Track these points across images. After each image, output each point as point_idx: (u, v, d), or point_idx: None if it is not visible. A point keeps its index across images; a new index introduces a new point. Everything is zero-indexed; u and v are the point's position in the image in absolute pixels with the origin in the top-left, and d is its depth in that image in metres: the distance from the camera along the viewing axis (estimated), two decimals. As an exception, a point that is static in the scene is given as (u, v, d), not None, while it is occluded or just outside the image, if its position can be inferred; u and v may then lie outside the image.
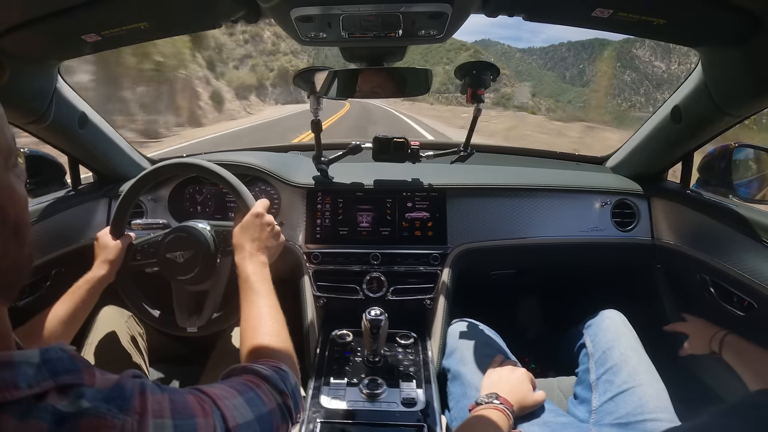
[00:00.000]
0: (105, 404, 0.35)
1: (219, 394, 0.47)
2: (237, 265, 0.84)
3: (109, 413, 0.35)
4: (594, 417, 0.89)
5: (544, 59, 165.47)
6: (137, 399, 0.37)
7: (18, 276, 0.40)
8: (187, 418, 0.41)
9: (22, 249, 0.40)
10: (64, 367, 0.35)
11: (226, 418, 0.45)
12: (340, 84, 0.98)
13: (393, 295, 1.17)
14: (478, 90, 1.05)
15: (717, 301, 1.05)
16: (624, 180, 1.32)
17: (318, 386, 0.96)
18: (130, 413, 0.36)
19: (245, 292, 0.77)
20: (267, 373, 0.56)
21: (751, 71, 0.80)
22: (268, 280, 0.81)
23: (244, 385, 0.52)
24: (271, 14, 0.76)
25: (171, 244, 0.98)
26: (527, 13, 0.78)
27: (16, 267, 0.39)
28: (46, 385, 0.34)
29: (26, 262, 0.41)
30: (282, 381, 0.57)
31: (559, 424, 0.86)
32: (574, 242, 1.25)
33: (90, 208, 1.24)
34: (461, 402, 0.94)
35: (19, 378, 0.32)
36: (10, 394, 0.32)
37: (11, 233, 0.38)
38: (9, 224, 0.38)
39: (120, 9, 0.73)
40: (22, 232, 0.40)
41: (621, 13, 0.72)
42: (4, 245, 0.37)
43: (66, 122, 1.06)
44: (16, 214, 0.39)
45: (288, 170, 1.25)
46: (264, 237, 0.89)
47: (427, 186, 1.23)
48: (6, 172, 0.38)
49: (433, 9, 0.70)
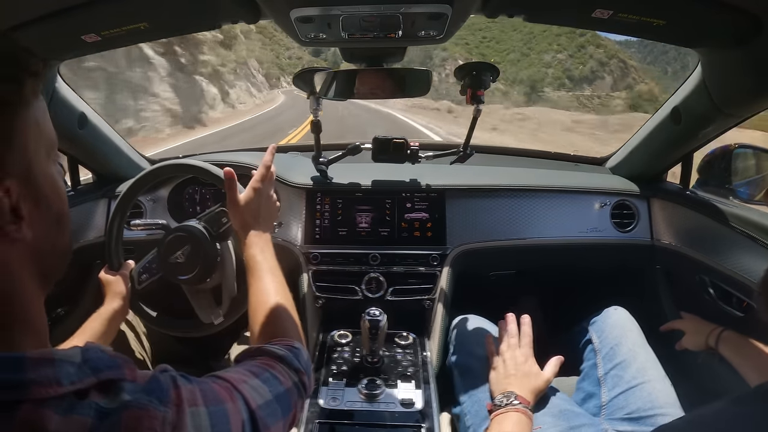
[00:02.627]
0: (146, 396, 0.36)
1: (237, 378, 0.48)
2: (240, 239, 0.80)
3: (150, 405, 0.35)
4: (604, 411, 0.90)
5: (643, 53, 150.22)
6: (173, 391, 0.38)
7: (57, 262, 0.43)
8: (218, 404, 0.42)
9: (64, 238, 0.44)
10: (105, 364, 0.36)
11: (248, 400, 0.46)
12: (339, 85, 0.98)
13: (392, 295, 1.17)
14: (477, 91, 1.05)
15: (716, 301, 1.05)
16: (623, 181, 1.32)
17: (316, 387, 0.96)
18: (169, 405, 0.37)
19: (253, 269, 0.75)
20: (281, 352, 0.56)
21: (751, 72, 0.80)
22: (274, 255, 0.79)
23: (259, 367, 0.53)
24: (271, 15, 0.76)
25: (170, 247, 0.98)
26: (527, 14, 0.78)
27: (56, 253, 0.42)
28: (88, 381, 0.34)
29: (66, 251, 0.45)
30: (296, 359, 0.58)
31: (573, 414, 0.86)
32: (574, 243, 1.25)
33: (89, 209, 1.24)
34: (475, 395, 0.93)
35: (61, 375, 0.33)
36: (53, 390, 0.32)
37: (54, 221, 0.41)
38: (53, 212, 0.41)
39: (120, 9, 0.73)
40: (63, 222, 0.43)
41: (621, 14, 0.72)
42: (48, 232, 0.41)
43: (65, 122, 1.06)
44: (58, 205, 0.42)
45: (287, 170, 1.25)
46: (264, 207, 0.82)
47: (426, 186, 1.23)
48: (49, 164, 0.41)
49: (432, 10, 0.70)
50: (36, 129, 0.39)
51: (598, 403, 0.92)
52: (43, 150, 0.40)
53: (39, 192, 0.39)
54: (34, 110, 0.39)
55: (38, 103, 0.40)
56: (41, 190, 0.39)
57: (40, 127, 0.40)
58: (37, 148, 0.39)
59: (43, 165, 0.40)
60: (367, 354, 1.02)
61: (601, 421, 0.87)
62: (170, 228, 1.01)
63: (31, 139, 0.38)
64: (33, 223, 0.38)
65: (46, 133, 0.41)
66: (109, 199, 1.28)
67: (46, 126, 0.41)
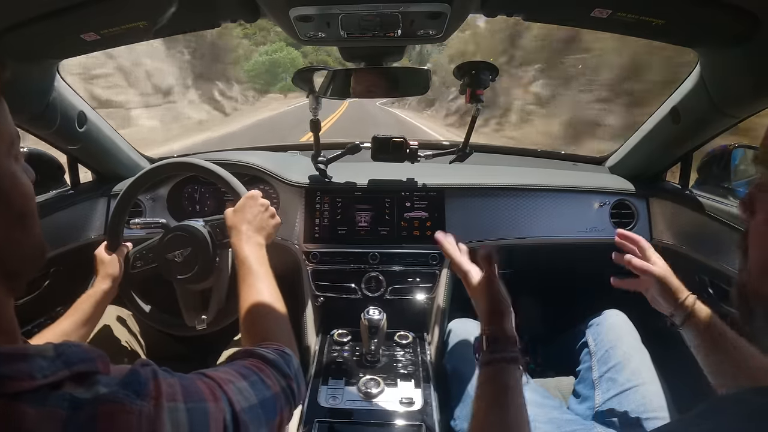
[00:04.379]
0: (122, 390, 0.36)
1: (224, 378, 0.47)
2: (233, 246, 0.82)
3: (126, 399, 0.35)
4: (597, 414, 0.90)
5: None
6: (152, 384, 0.38)
7: (23, 265, 0.40)
8: (198, 401, 0.41)
9: (29, 238, 0.40)
10: (78, 357, 0.36)
11: (233, 401, 0.45)
12: (338, 83, 0.98)
13: (391, 294, 1.17)
14: (477, 90, 1.05)
15: (715, 301, 1.05)
16: (623, 180, 1.32)
17: (316, 385, 0.96)
18: (146, 399, 0.36)
19: (243, 274, 0.76)
20: (271, 356, 0.56)
21: (750, 72, 0.80)
22: (266, 261, 0.79)
23: (248, 369, 0.52)
24: (270, 14, 0.76)
25: (169, 245, 0.98)
26: (526, 14, 0.78)
27: (20, 255, 0.39)
28: (62, 374, 0.34)
29: (34, 252, 0.42)
30: (286, 364, 0.57)
31: (564, 420, 0.86)
32: (573, 242, 1.25)
33: (89, 207, 1.24)
34: (465, 401, 0.93)
35: (34, 369, 0.33)
36: (27, 384, 0.32)
37: (16, 220, 0.39)
38: (14, 211, 0.38)
39: (119, 8, 0.73)
40: (29, 221, 0.40)
41: (620, 14, 0.72)
42: (8, 232, 0.38)
43: (65, 121, 1.06)
44: (21, 202, 0.39)
45: (287, 169, 1.25)
46: (260, 218, 0.87)
47: (425, 186, 1.23)
48: (8, 159, 0.39)
49: (431, 9, 0.70)
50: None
51: (592, 406, 0.92)
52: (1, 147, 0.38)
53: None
54: None
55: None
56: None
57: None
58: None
59: (2, 162, 0.38)
60: (367, 353, 1.02)
61: (594, 425, 0.86)
62: (173, 226, 1.00)
63: None
64: None
65: (4, 129, 0.39)
66: (109, 198, 1.28)
67: (3, 123, 0.39)
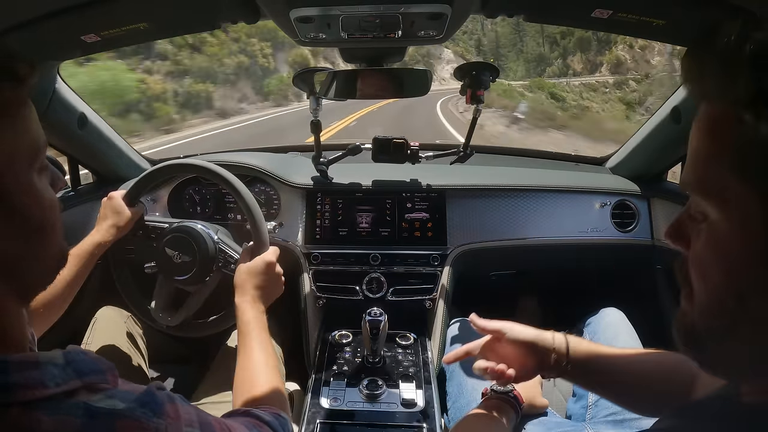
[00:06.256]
0: (140, 407, 0.36)
1: (231, 424, 0.48)
2: (237, 306, 0.82)
3: (144, 416, 0.36)
4: (590, 413, 0.90)
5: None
6: (168, 405, 0.38)
7: (38, 279, 0.40)
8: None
9: (46, 251, 0.40)
10: (89, 368, 0.36)
11: None
12: (339, 85, 0.98)
13: (393, 295, 1.17)
14: (477, 91, 1.05)
15: None
16: (624, 181, 1.32)
17: (318, 387, 0.96)
18: (163, 417, 0.37)
19: (244, 338, 0.77)
20: (268, 418, 0.57)
21: None
22: (266, 328, 0.80)
23: (251, 424, 0.54)
24: (271, 15, 0.76)
25: (172, 242, 0.98)
26: (527, 14, 0.78)
27: (36, 270, 0.39)
28: (74, 383, 0.35)
29: (55, 259, 0.41)
30: (282, 427, 0.58)
31: (553, 423, 0.86)
32: (574, 243, 1.25)
33: (89, 209, 1.24)
34: (458, 401, 0.93)
35: (46, 377, 0.33)
36: (39, 392, 0.32)
37: (35, 233, 0.38)
38: (32, 225, 0.38)
39: (119, 9, 0.73)
40: (48, 234, 0.39)
41: (620, 14, 0.72)
42: (25, 246, 0.37)
43: (65, 123, 1.06)
44: (40, 215, 0.38)
45: (287, 171, 1.25)
46: (270, 288, 0.86)
47: (426, 186, 1.23)
48: (29, 172, 0.38)
49: (432, 10, 0.70)
50: (12, 138, 0.36)
51: (585, 404, 0.92)
52: (22, 159, 0.37)
53: (12, 204, 0.36)
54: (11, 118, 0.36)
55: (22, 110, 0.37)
56: (15, 203, 0.36)
57: (18, 136, 0.37)
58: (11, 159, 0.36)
59: (21, 175, 0.37)
60: (368, 354, 1.01)
61: (585, 426, 0.86)
62: (184, 225, 1.01)
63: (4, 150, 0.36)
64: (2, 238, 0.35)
65: (27, 141, 0.38)
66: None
67: (27, 133, 0.38)
